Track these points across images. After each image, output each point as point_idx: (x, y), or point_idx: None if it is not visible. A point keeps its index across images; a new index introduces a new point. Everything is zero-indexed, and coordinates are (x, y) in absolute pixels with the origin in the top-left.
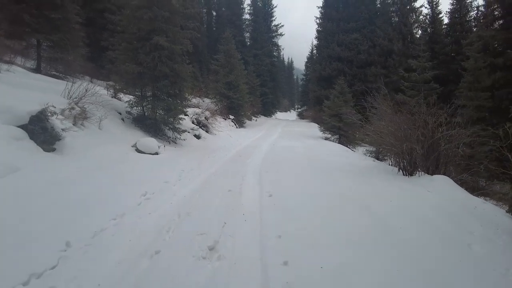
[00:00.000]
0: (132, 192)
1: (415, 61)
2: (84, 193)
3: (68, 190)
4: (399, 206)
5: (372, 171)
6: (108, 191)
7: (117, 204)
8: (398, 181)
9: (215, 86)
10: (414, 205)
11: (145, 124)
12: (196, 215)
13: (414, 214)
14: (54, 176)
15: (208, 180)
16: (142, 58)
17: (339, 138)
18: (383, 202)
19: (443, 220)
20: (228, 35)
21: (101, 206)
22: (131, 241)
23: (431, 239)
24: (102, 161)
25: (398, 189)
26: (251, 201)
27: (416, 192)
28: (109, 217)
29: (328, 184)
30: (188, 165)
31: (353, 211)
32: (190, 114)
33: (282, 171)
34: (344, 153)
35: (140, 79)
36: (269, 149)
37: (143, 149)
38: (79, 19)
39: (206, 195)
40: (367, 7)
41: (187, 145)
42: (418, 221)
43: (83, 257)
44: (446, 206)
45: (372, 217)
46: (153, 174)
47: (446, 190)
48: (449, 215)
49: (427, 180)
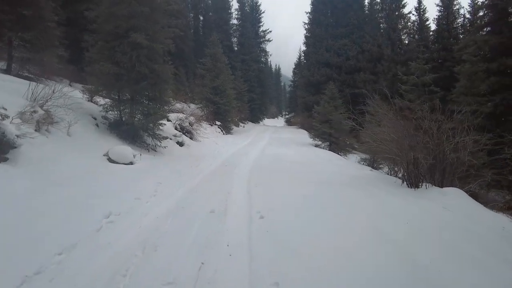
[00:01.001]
0: (93, 213)
1: (414, 63)
2: (32, 216)
3: (12, 212)
4: (419, 230)
5: (374, 182)
6: (64, 212)
7: (71, 230)
8: (406, 194)
9: (201, 91)
10: (435, 228)
11: (122, 130)
12: (166, 249)
13: (439, 240)
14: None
15: (187, 196)
16: (119, 58)
17: (329, 145)
18: (398, 223)
19: (474, 247)
20: (214, 38)
21: (49, 235)
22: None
23: (471, 276)
24: (64, 173)
25: (409, 205)
26: (238, 226)
27: (432, 210)
28: (54, 251)
29: (329, 200)
30: (167, 176)
31: (367, 238)
32: (173, 119)
33: (274, 184)
34: (338, 162)
35: (117, 81)
36: (258, 157)
37: (116, 159)
38: (55, 17)
39: (183, 217)
40: (355, 12)
41: (168, 153)
42: (447, 251)
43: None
44: (470, 227)
45: (392, 246)
46: (123, 188)
47: (464, 206)
48: (478, 239)
49: (437, 193)
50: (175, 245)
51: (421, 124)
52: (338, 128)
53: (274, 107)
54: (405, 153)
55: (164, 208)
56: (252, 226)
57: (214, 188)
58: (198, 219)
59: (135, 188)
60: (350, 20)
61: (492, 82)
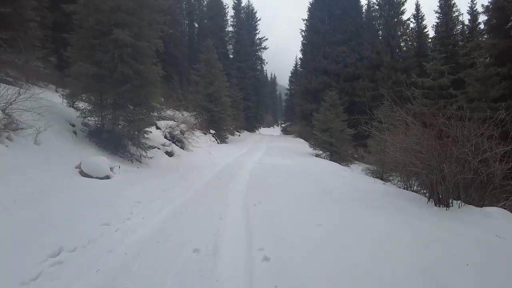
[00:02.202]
0: (38, 250)
1: (431, 64)
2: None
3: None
4: (487, 278)
5: (394, 200)
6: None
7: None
8: (440, 217)
9: (195, 98)
10: (503, 273)
11: (103, 138)
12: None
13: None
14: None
15: (169, 222)
16: (100, 57)
17: (330, 154)
18: (452, 264)
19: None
20: (209, 43)
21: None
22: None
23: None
24: (19, 192)
25: (453, 234)
26: (233, 275)
27: (485, 240)
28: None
29: (353, 229)
30: (148, 194)
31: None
32: (163, 127)
33: (277, 204)
34: (344, 173)
35: (98, 83)
36: (255, 169)
37: (89, 172)
38: (36, 17)
39: (156, 258)
40: (353, 19)
41: (155, 164)
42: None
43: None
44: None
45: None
46: (91, 210)
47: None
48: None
49: (478, 215)
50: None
51: (446, 131)
52: (339, 137)
53: (270, 116)
54: (434, 166)
55: (135, 241)
56: (255, 275)
57: (204, 210)
58: (177, 262)
59: (106, 210)
60: (348, 27)
61: (503, 86)
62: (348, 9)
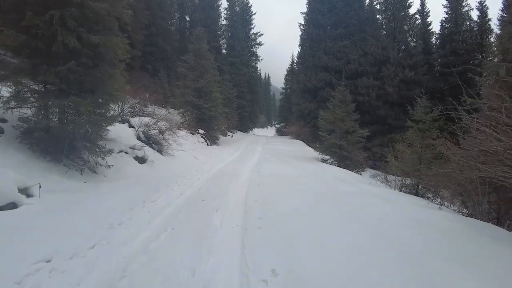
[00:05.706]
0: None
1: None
2: None
3: None
4: None
5: (473, 241)
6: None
7: None
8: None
9: (182, 93)
10: None
11: (36, 138)
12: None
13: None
14: None
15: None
16: (31, 21)
17: (339, 160)
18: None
19: None
20: (200, 31)
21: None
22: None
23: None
24: None
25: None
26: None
27: None
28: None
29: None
30: (75, 239)
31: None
32: (136, 125)
33: (299, 256)
34: (376, 191)
35: (29, 59)
36: (253, 180)
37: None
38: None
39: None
40: (356, 12)
41: (116, 176)
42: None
43: None
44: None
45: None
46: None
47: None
48: None
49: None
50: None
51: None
52: (351, 139)
53: (263, 116)
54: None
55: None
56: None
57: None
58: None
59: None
60: (350, 21)
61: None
62: (350, 1)
